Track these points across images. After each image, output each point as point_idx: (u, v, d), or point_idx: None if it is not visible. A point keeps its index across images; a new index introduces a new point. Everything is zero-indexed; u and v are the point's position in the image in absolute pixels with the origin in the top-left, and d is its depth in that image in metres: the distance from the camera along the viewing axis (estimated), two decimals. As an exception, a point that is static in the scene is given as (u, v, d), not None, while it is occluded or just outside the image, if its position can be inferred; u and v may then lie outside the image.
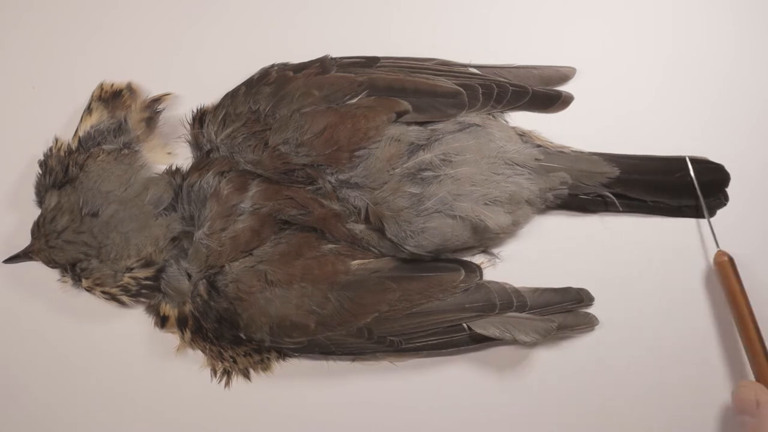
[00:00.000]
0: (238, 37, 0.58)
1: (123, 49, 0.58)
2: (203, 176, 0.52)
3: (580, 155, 0.54)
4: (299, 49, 0.56)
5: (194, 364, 0.55)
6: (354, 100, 0.52)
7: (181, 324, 0.53)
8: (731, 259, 0.51)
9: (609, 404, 0.54)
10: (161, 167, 0.55)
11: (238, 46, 0.58)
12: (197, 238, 0.52)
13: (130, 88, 0.55)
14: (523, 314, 0.52)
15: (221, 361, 0.54)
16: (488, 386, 0.54)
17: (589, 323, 0.54)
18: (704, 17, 0.57)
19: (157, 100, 0.55)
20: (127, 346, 0.56)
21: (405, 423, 0.55)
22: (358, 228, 0.52)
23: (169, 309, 0.53)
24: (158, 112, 0.55)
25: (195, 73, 0.58)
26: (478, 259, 0.54)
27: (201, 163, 0.53)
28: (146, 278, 0.52)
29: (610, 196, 0.54)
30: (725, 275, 0.51)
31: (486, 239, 0.53)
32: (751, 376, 0.51)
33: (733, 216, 0.55)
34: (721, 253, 0.51)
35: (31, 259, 0.53)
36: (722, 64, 0.57)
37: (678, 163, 0.55)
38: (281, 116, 0.51)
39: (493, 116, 0.54)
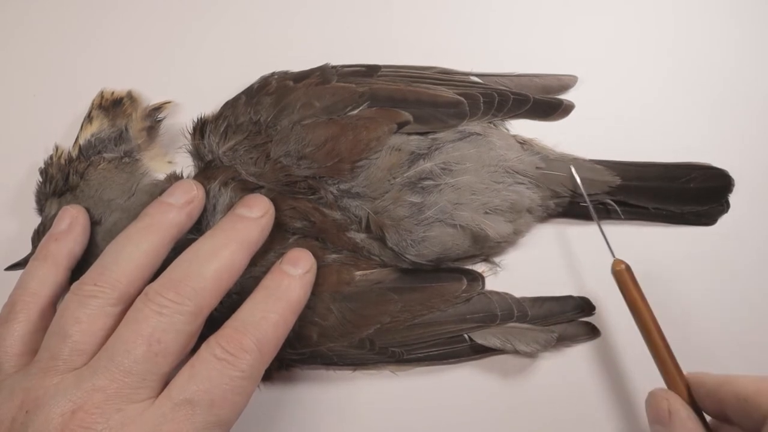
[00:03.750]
0: (238, 43, 0.58)
1: (123, 56, 0.58)
2: (209, 185, 0.52)
3: (581, 163, 0.54)
4: (299, 55, 0.56)
5: (195, 373, 0.55)
6: (355, 111, 0.52)
7: (184, 332, 0.53)
8: (628, 267, 0.49)
9: (609, 414, 0.54)
10: (162, 176, 0.55)
11: (238, 53, 0.58)
12: None
13: (130, 96, 0.55)
14: (524, 324, 0.53)
15: (223, 370, 0.54)
16: (489, 396, 0.54)
17: (589, 333, 0.54)
18: (705, 24, 0.57)
19: (158, 108, 0.55)
20: (129, 356, 0.56)
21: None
22: (359, 237, 0.52)
23: (171, 317, 0.53)
24: (159, 121, 0.55)
25: (195, 80, 0.58)
26: (479, 267, 0.54)
27: (205, 172, 0.53)
28: (148, 286, 0.52)
29: (612, 203, 0.54)
30: (624, 284, 0.49)
31: (487, 248, 0.53)
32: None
33: (733, 223, 0.55)
34: (618, 262, 0.49)
35: (32, 267, 0.53)
36: (725, 71, 0.57)
37: (680, 169, 0.55)
38: (282, 128, 0.51)
39: (494, 124, 0.54)
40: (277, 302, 0.46)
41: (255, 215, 0.48)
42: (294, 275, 0.47)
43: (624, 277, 0.49)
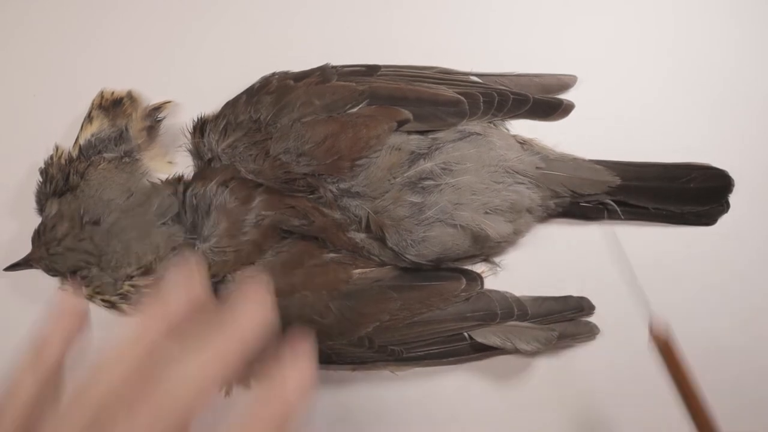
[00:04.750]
0: (238, 44, 0.58)
1: (123, 56, 0.59)
2: (206, 185, 0.52)
3: (581, 163, 0.54)
4: (299, 56, 0.56)
5: (195, 373, 0.55)
6: (355, 109, 0.52)
7: (182, 333, 0.53)
8: (671, 337, 0.44)
9: (610, 413, 0.54)
10: (162, 176, 0.55)
11: (238, 53, 0.58)
12: (201, 250, 0.52)
13: (130, 96, 0.55)
14: (524, 323, 0.53)
15: (222, 370, 0.54)
16: (489, 395, 0.54)
17: (589, 332, 0.54)
18: (705, 24, 0.57)
19: (158, 108, 0.55)
20: (128, 355, 0.56)
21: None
22: (359, 237, 0.52)
23: (170, 317, 0.53)
24: (159, 121, 0.55)
25: (195, 80, 0.58)
26: (479, 267, 0.54)
27: (203, 172, 0.53)
28: (146, 286, 0.52)
29: (612, 203, 0.54)
30: (667, 355, 0.44)
31: (487, 248, 0.53)
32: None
33: (733, 222, 0.55)
34: (658, 327, 0.45)
35: (31, 267, 0.53)
36: (725, 71, 0.57)
37: (680, 170, 0.55)
38: (282, 125, 0.51)
39: (494, 124, 0.54)
40: None
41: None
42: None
43: (667, 349, 0.44)
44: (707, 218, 0.55)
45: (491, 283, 0.54)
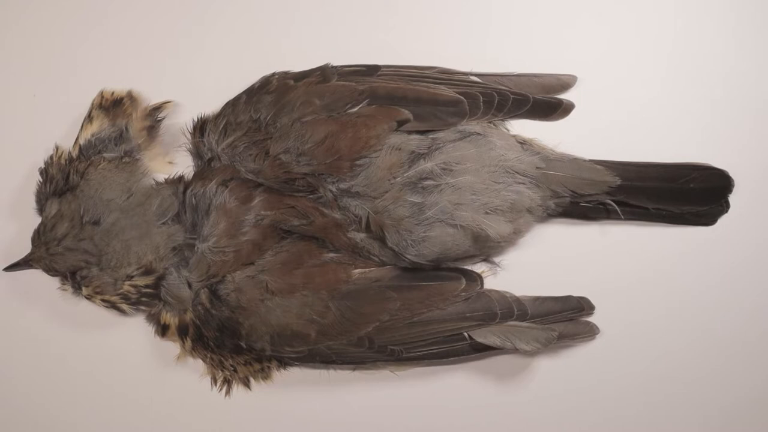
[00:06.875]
0: (238, 44, 0.58)
1: (123, 56, 0.59)
2: (206, 185, 0.52)
3: (581, 163, 0.54)
4: (299, 56, 0.56)
5: (194, 373, 0.55)
6: (355, 109, 0.52)
7: (182, 332, 0.53)
8: None
9: (609, 413, 0.54)
10: (162, 176, 0.55)
11: (239, 54, 0.58)
12: (201, 250, 0.52)
13: (130, 96, 0.55)
14: (524, 323, 0.52)
15: (222, 370, 0.54)
16: (489, 395, 0.55)
17: (589, 332, 0.54)
18: (705, 24, 0.57)
19: (158, 108, 0.55)
20: (128, 355, 0.56)
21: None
22: (359, 237, 0.52)
23: (169, 318, 0.53)
24: (159, 121, 0.55)
25: (195, 80, 0.58)
26: (479, 267, 0.54)
27: (203, 172, 0.53)
28: (146, 286, 0.52)
29: (612, 204, 0.54)
30: None
31: (487, 248, 0.53)
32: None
33: (733, 223, 0.55)
34: None
35: (31, 267, 0.53)
36: (725, 70, 0.57)
37: (680, 170, 0.55)
38: (282, 125, 0.51)
39: (494, 124, 0.54)
40: None
41: None
42: None
43: None
44: (707, 218, 0.55)
45: (491, 283, 0.54)
